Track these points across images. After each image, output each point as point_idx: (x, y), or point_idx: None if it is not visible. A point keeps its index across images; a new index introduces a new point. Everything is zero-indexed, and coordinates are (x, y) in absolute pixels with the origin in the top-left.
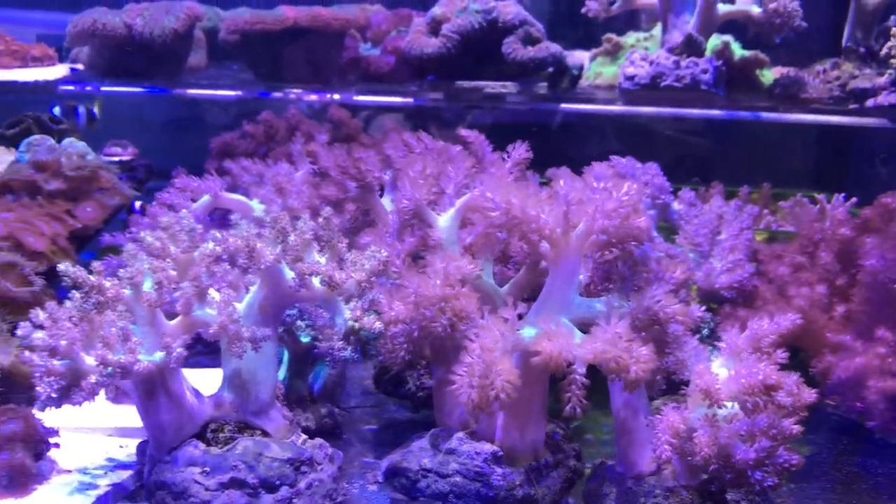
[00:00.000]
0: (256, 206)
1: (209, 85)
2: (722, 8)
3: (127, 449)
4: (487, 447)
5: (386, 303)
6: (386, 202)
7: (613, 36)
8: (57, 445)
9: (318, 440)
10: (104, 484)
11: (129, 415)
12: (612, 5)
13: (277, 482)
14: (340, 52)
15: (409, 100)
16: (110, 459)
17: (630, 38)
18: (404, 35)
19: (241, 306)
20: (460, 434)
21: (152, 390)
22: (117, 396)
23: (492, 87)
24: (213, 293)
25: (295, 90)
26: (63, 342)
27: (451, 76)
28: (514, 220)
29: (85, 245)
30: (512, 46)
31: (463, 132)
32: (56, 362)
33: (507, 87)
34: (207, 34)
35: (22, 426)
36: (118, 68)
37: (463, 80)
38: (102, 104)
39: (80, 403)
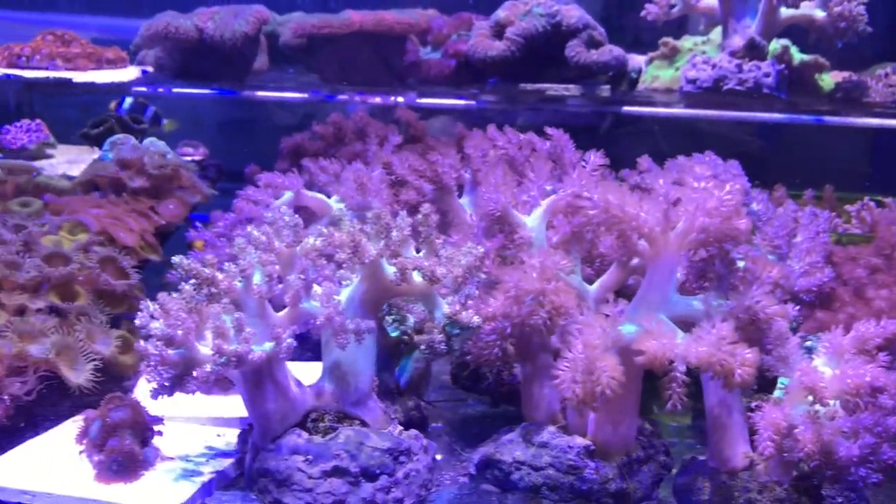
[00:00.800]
0: (335, 204)
1: (276, 87)
2: (785, 12)
3: (225, 438)
4: (580, 441)
5: (479, 299)
6: (464, 202)
7: (670, 40)
8: (160, 433)
9: (413, 431)
10: (207, 471)
11: (222, 405)
12: (671, 9)
13: (377, 471)
14: (402, 56)
15: (471, 102)
16: (210, 448)
17: (687, 41)
18: (465, 39)
19: (341, 299)
20: (552, 428)
21: (260, 380)
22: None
23: (554, 89)
24: (315, 286)
25: (359, 92)
26: (179, 332)
27: (514, 79)
28: (613, 219)
29: (166, 241)
30: (576, 50)
31: (549, 130)
32: (170, 351)
33: (570, 90)
34: (267, 37)
35: (130, 414)
36: (188, 70)
37: (524, 82)
38: (171, 106)
39: (193, 392)
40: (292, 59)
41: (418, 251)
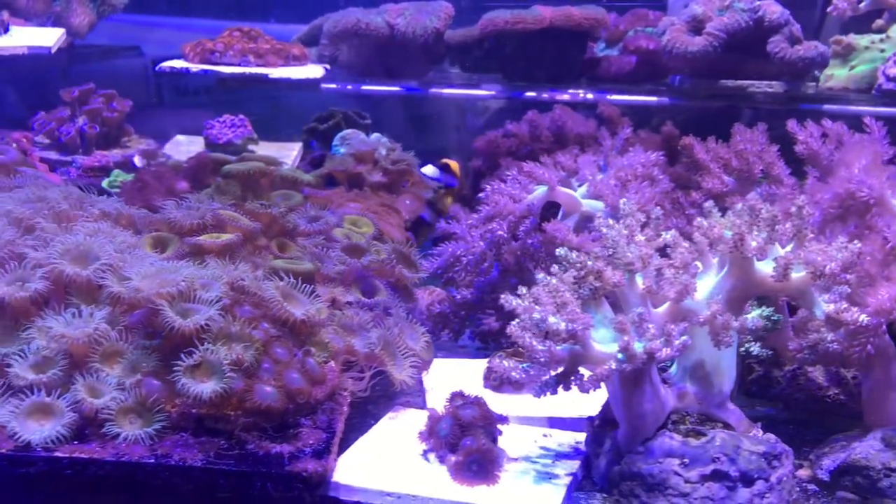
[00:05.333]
0: (584, 201)
1: (462, 85)
2: None
3: (551, 439)
4: None
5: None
6: None
7: (843, 38)
8: (500, 433)
9: (771, 435)
10: (561, 473)
11: (518, 404)
12: (859, 4)
13: (755, 476)
14: (581, 52)
15: (664, 99)
16: (545, 448)
17: (863, 39)
18: (643, 34)
19: (704, 294)
20: None
21: (640, 379)
22: (500, 386)
23: (756, 86)
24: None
25: (549, 89)
26: (579, 327)
27: (707, 75)
28: None
29: None
30: (779, 45)
31: (867, 120)
32: (558, 347)
33: (773, 87)
34: None
35: (479, 412)
36: (373, 67)
37: (721, 79)
38: (353, 103)
39: (586, 391)
40: (443, 57)
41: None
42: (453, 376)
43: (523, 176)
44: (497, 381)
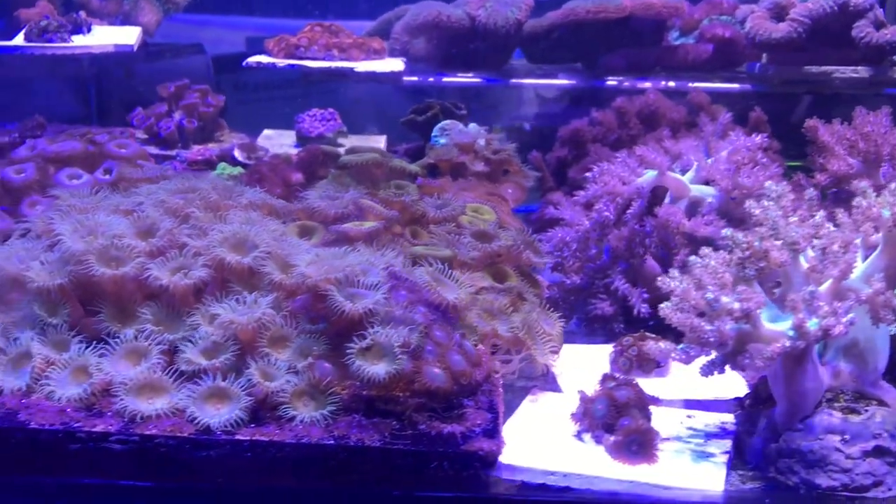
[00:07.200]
0: (693, 187)
1: (542, 74)
2: None
3: (696, 419)
4: None
5: None
6: None
7: None
8: (651, 414)
9: None
10: (716, 452)
11: (650, 387)
12: None
13: None
14: (659, 41)
15: (746, 86)
16: (692, 429)
17: None
18: (718, 22)
19: (856, 274)
20: None
21: (804, 357)
22: (630, 370)
23: (841, 71)
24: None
25: (627, 78)
26: (752, 305)
27: (790, 62)
28: None
29: None
30: (864, 30)
31: None
32: (727, 326)
33: (859, 72)
34: None
35: (634, 393)
36: (452, 59)
37: (804, 65)
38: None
39: (757, 369)
40: (508, 47)
41: None
42: (577, 361)
43: (634, 159)
44: (627, 365)
